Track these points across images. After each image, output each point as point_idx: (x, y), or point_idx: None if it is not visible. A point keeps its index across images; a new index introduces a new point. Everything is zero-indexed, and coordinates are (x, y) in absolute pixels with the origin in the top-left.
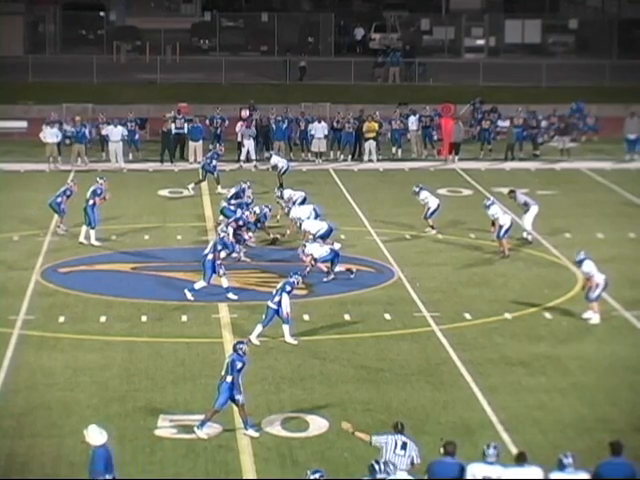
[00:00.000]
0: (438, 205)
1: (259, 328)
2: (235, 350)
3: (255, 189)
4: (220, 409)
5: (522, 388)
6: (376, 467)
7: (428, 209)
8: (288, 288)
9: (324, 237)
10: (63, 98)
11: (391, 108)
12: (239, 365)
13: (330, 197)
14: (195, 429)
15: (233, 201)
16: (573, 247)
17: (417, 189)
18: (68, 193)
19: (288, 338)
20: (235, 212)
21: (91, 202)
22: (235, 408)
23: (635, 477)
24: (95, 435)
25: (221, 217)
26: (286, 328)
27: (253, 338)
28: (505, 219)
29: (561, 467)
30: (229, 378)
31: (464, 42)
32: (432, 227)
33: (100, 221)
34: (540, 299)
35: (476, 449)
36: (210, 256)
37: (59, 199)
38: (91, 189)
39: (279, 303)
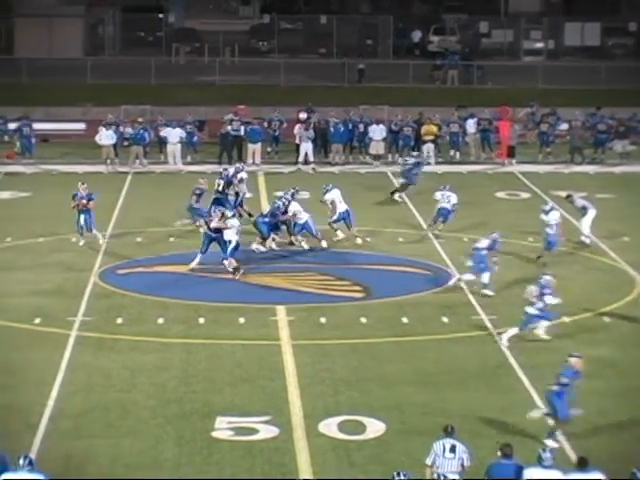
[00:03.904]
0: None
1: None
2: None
3: (313, 192)
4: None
5: (579, 392)
6: (395, 478)
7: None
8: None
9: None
10: (121, 100)
11: (449, 111)
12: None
13: (388, 200)
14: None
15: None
16: (631, 250)
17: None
18: (198, 192)
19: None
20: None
21: (72, 205)
22: (293, 409)
23: None
24: None
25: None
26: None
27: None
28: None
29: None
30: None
31: (523, 45)
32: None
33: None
34: (598, 303)
35: (532, 453)
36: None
37: (193, 202)
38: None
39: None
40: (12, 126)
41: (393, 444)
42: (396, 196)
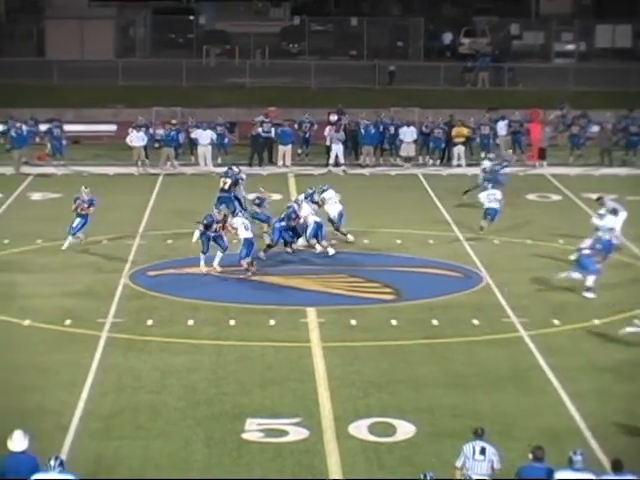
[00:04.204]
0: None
1: None
2: None
3: (344, 194)
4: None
5: (610, 394)
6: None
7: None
8: None
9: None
10: (152, 101)
11: (480, 113)
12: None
13: (418, 202)
14: None
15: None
16: None
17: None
18: (257, 202)
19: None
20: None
21: (72, 208)
22: (323, 411)
23: None
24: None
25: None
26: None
27: None
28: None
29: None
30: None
31: (554, 47)
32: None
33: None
34: (629, 305)
35: (563, 455)
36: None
37: (255, 209)
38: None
39: None
40: (43, 128)
41: (423, 446)
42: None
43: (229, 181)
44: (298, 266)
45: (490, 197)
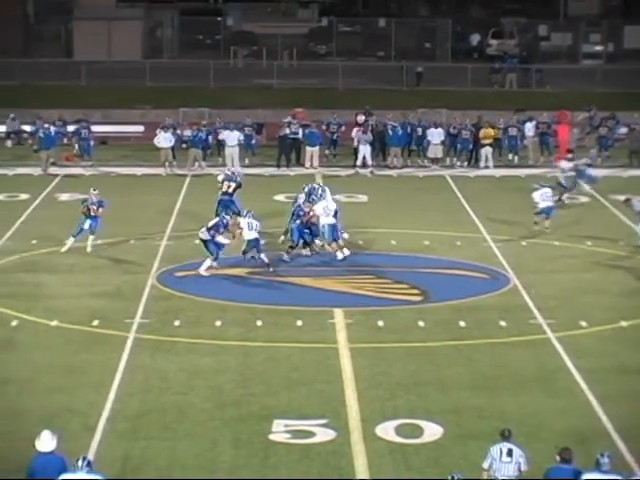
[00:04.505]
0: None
1: None
2: None
3: (371, 195)
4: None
5: (638, 396)
6: None
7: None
8: None
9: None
10: (180, 102)
11: (507, 114)
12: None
13: (446, 203)
14: None
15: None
16: None
17: None
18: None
19: None
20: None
21: (81, 210)
22: (351, 413)
23: None
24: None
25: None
26: None
27: None
28: None
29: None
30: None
31: (582, 48)
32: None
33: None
34: None
35: (590, 457)
36: None
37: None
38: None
39: None
40: (71, 128)
41: (450, 448)
42: (564, 197)
43: (234, 185)
44: (326, 267)
45: (544, 196)
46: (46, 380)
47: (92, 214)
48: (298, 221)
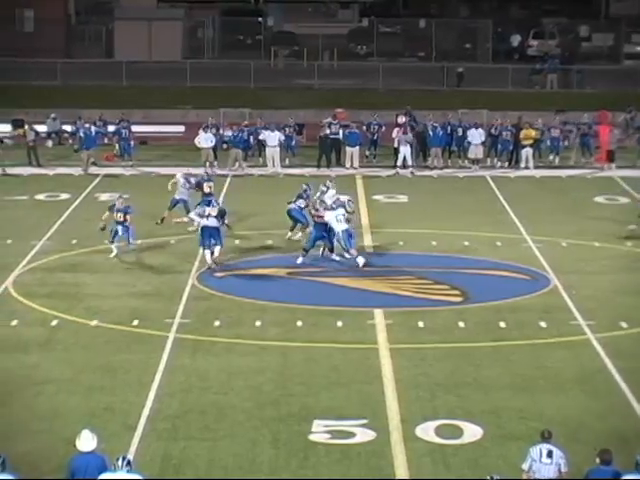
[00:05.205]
0: None
1: None
2: None
3: (411, 196)
4: None
5: None
6: None
7: None
8: None
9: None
10: (220, 103)
11: (548, 115)
12: None
13: (486, 204)
14: None
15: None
16: None
17: None
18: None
19: None
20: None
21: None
22: (390, 413)
23: None
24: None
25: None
26: None
27: None
28: None
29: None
30: None
31: (623, 48)
32: None
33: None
34: None
35: (631, 459)
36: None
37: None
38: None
39: None
40: (111, 128)
41: (490, 449)
42: None
43: (212, 184)
44: (365, 268)
45: None
46: (86, 380)
47: (120, 220)
48: (301, 202)
